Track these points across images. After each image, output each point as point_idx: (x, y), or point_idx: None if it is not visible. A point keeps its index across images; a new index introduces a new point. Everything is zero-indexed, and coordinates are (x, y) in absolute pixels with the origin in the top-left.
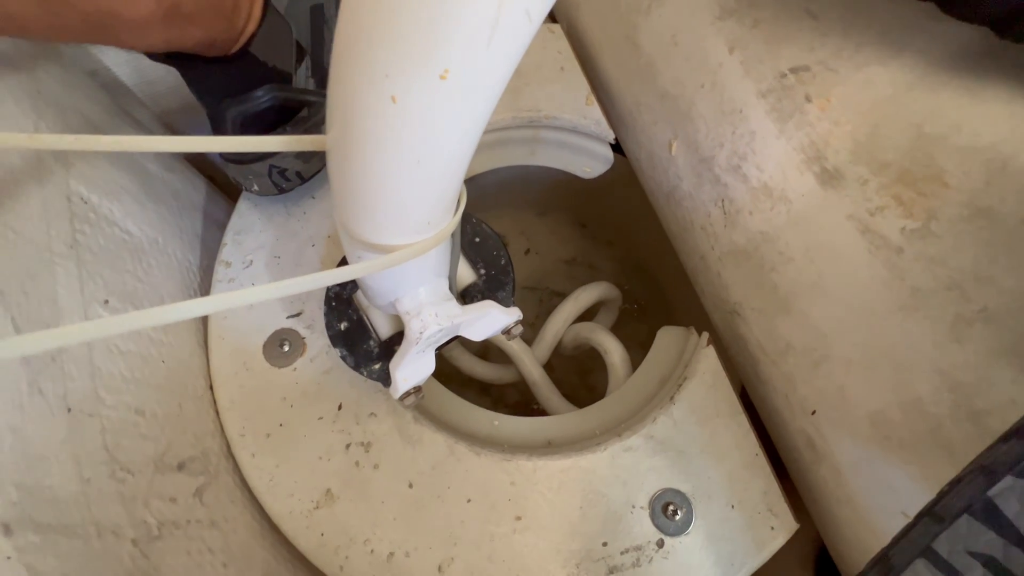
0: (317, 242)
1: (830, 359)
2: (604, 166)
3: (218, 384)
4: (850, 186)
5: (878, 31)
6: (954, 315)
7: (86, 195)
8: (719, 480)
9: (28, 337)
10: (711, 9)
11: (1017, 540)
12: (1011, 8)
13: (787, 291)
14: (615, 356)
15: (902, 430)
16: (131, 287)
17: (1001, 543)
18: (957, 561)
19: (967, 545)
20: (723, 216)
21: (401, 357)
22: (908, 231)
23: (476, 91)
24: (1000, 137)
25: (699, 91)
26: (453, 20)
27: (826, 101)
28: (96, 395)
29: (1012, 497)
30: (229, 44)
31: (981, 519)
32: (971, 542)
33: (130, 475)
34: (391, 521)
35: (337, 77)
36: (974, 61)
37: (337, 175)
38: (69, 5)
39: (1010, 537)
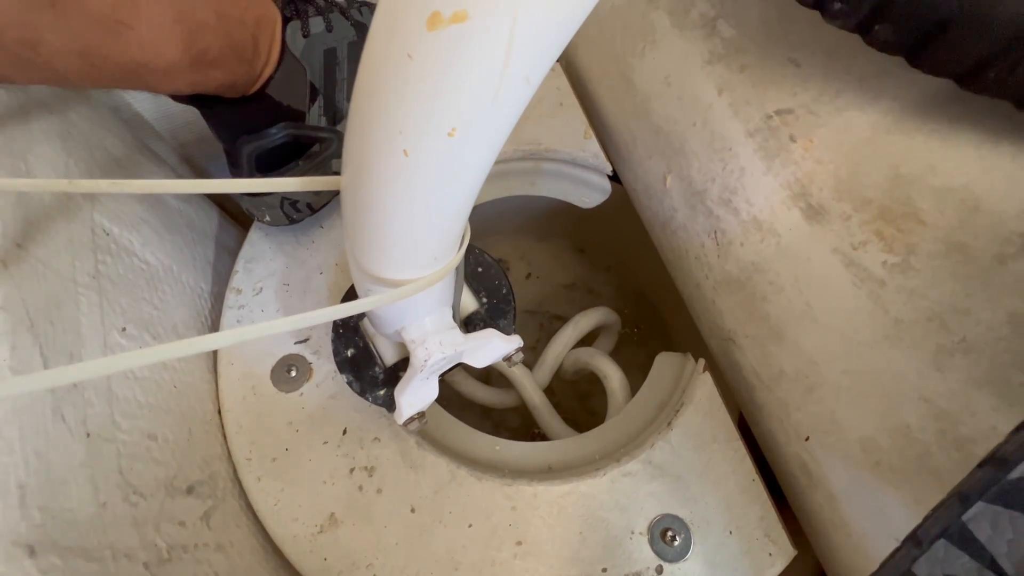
0: (325, 270)
1: (821, 386)
2: (602, 196)
3: (226, 409)
4: (834, 221)
5: (856, 78)
6: (936, 345)
7: (108, 227)
8: (717, 506)
9: (57, 371)
10: (701, 54)
11: (990, 563)
12: (969, 66)
13: (778, 320)
14: (614, 381)
15: (892, 456)
16: (147, 314)
17: (976, 566)
18: None
19: (944, 568)
20: (716, 247)
21: (406, 384)
22: (889, 265)
23: (480, 146)
24: (971, 178)
25: (691, 129)
26: (461, 87)
27: (809, 141)
28: (113, 420)
29: (984, 522)
30: (248, 86)
31: (956, 543)
32: (948, 565)
33: (142, 499)
34: (394, 546)
35: (354, 130)
36: (944, 107)
37: (351, 215)
38: (107, 58)
39: (983, 560)
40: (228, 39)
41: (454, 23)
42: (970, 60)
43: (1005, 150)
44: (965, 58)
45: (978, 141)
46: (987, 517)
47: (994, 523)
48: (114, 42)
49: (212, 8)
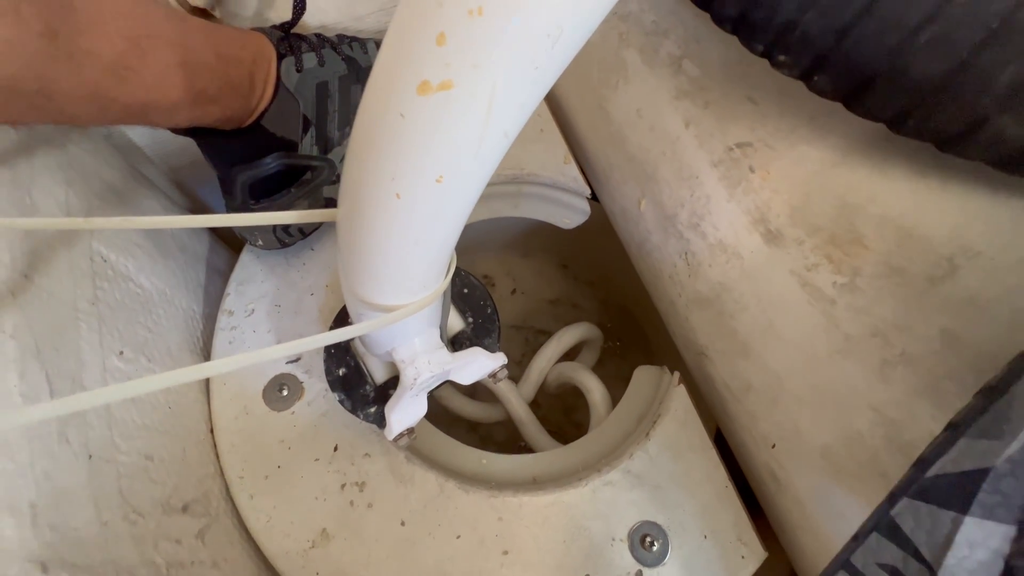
0: (316, 291)
1: (784, 397)
2: (582, 217)
3: (219, 428)
4: (790, 245)
5: (807, 116)
6: (880, 359)
7: (106, 254)
8: (692, 512)
9: (66, 400)
10: (669, 90)
11: (913, 552)
12: (894, 113)
13: (745, 335)
14: (596, 395)
15: (847, 461)
16: (142, 338)
17: (901, 555)
18: (868, 571)
19: (876, 558)
20: (687, 267)
21: (396, 401)
22: (839, 285)
23: (464, 190)
24: (906, 208)
25: (661, 157)
26: (447, 142)
27: (766, 172)
28: (112, 442)
29: (908, 516)
30: (244, 118)
31: (886, 535)
32: (879, 555)
33: (141, 518)
34: (384, 559)
35: (351, 174)
36: (882, 145)
37: (346, 248)
38: (115, 101)
39: (908, 549)
40: (226, 77)
41: (441, 90)
42: (894, 109)
43: (933, 183)
44: (890, 107)
45: (910, 175)
46: (910, 511)
47: (916, 516)
48: (122, 86)
49: (212, 48)
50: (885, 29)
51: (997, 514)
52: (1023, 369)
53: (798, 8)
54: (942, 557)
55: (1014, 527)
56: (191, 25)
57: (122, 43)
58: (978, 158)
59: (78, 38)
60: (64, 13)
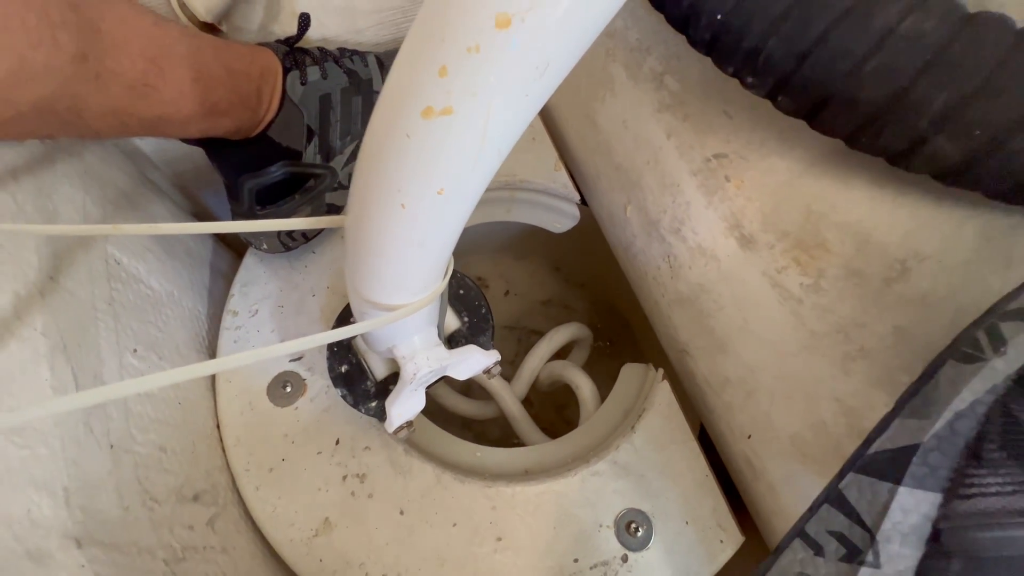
0: (317, 292)
1: (758, 390)
2: (572, 222)
3: (225, 423)
4: (762, 249)
5: (776, 130)
6: (842, 353)
7: (119, 257)
8: (675, 499)
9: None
10: (652, 103)
11: (857, 519)
12: (848, 131)
13: (722, 333)
14: (585, 391)
15: (814, 448)
16: (153, 336)
17: (848, 523)
18: (820, 538)
19: (827, 526)
20: (669, 269)
21: (397, 395)
22: (805, 286)
23: (463, 200)
24: (863, 215)
25: (645, 166)
26: (447, 159)
27: (740, 182)
28: (130, 434)
29: (853, 487)
30: (252, 129)
31: (835, 505)
32: (829, 523)
33: (157, 504)
34: (384, 546)
35: (359, 186)
36: (843, 157)
37: (353, 252)
38: (135, 116)
39: (853, 517)
40: (236, 91)
41: (443, 115)
42: (847, 127)
43: (887, 193)
44: (844, 126)
45: (867, 186)
46: (855, 484)
47: (859, 488)
48: (142, 102)
49: (223, 64)
50: (837, 57)
51: (926, 483)
52: (947, 359)
53: (762, 36)
54: (880, 522)
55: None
56: (204, 43)
57: (143, 63)
58: (922, 172)
59: (105, 60)
60: (93, 37)
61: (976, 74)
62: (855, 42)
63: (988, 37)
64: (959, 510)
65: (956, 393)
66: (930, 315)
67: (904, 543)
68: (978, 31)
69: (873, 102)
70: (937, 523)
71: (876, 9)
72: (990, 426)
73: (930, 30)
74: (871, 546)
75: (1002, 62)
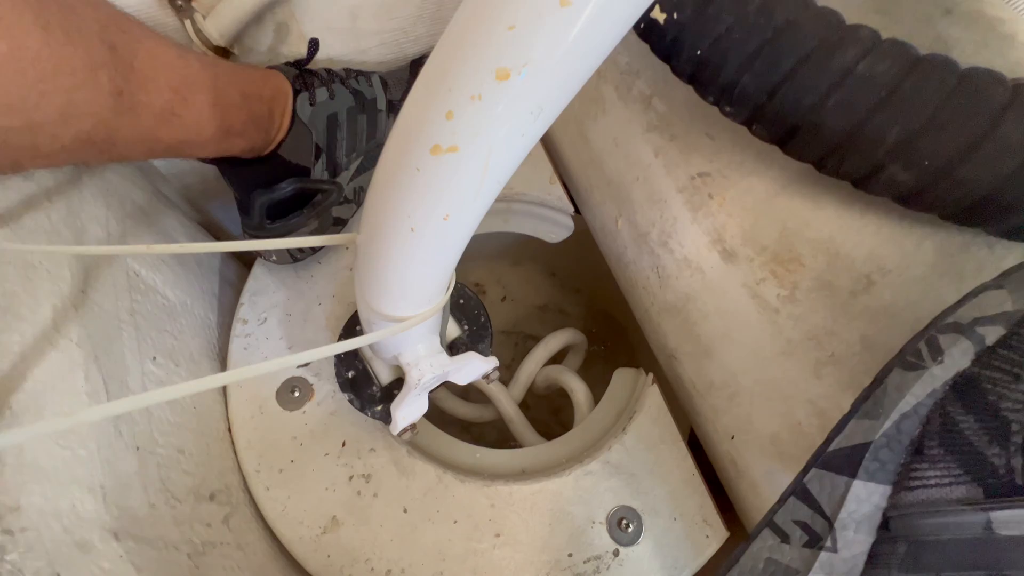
0: (323, 301)
1: (740, 393)
2: (566, 233)
3: (236, 427)
4: (742, 262)
5: (754, 152)
6: (815, 359)
7: (138, 269)
8: (663, 497)
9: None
10: (640, 123)
11: (819, 510)
12: (815, 157)
13: (707, 340)
14: (580, 395)
15: (791, 448)
16: (170, 345)
17: (810, 513)
18: (786, 527)
19: (793, 516)
20: (658, 279)
21: (401, 399)
22: (781, 297)
23: (466, 225)
24: (833, 232)
25: (635, 182)
26: (453, 190)
27: (723, 199)
28: (152, 437)
29: (815, 481)
30: (263, 148)
31: (800, 498)
32: (795, 513)
33: (178, 503)
34: (389, 542)
35: (372, 211)
36: (816, 179)
37: (364, 269)
38: (160, 141)
39: (815, 508)
40: (250, 113)
41: (449, 152)
42: (815, 154)
43: (855, 212)
44: (812, 152)
45: (837, 205)
46: (816, 478)
47: (820, 481)
48: (167, 128)
49: (238, 89)
50: (804, 92)
51: (877, 477)
52: (894, 366)
53: (737, 71)
54: (837, 512)
55: (889, 487)
56: (221, 69)
57: (169, 93)
58: (882, 195)
59: (138, 94)
60: (128, 75)
61: (924, 111)
62: (818, 80)
63: (934, 78)
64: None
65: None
66: (893, 325)
67: (858, 530)
68: (925, 72)
69: (836, 133)
70: (887, 512)
71: (837, 51)
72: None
73: (883, 71)
74: (830, 533)
75: (946, 100)
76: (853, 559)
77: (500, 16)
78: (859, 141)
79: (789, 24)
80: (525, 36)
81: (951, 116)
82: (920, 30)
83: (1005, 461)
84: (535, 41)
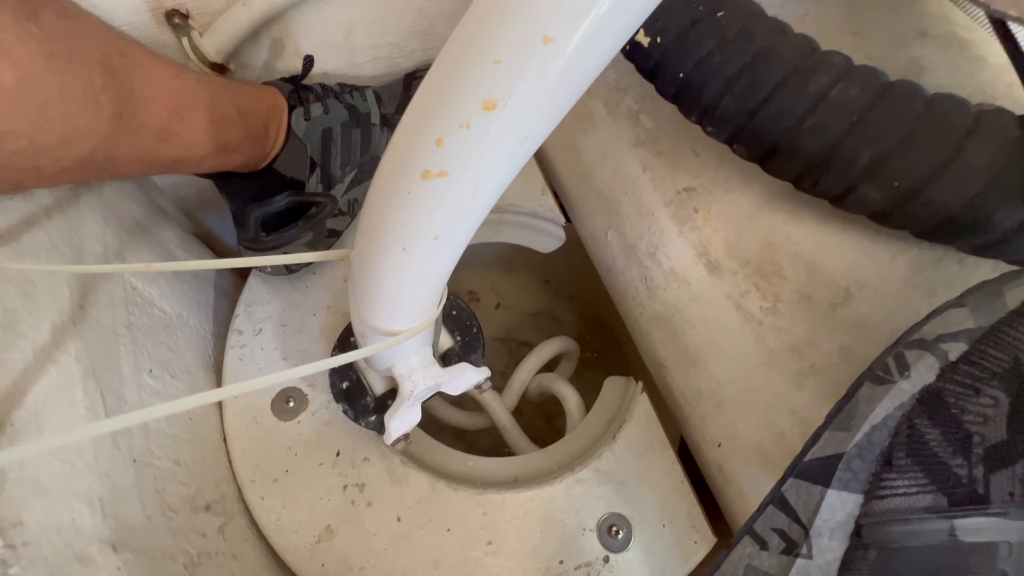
0: (318, 312)
1: (726, 402)
2: (557, 243)
3: (231, 437)
4: (726, 275)
5: (738, 169)
6: (796, 370)
7: (134, 283)
8: (653, 504)
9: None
10: (629, 138)
11: (795, 518)
12: (793, 176)
13: (694, 349)
14: (571, 402)
15: (775, 455)
16: (165, 357)
17: (787, 520)
18: (765, 534)
19: (771, 524)
20: (647, 290)
21: (395, 410)
22: (764, 308)
23: (455, 244)
24: (813, 247)
25: (624, 196)
26: (443, 212)
27: (708, 213)
28: (149, 449)
29: (792, 490)
30: (259, 163)
31: (778, 506)
32: (773, 521)
33: (174, 514)
34: (383, 551)
35: (366, 230)
36: (795, 195)
37: (358, 285)
38: (158, 159)
39: (792, 516)
40: (246, 130)
41: (439, 177)
42: (792, 173)
43: (833, 228)
44: (789, 171)
45: (816, 220)
46: (793, 487)
47: (796, 491)
48: (164, 146)
49: (234, 106)
50: (780, 115)
51: (850, 486)
52: (864, 380)
53: (718, 94)
54: (813, 520)
55: (861, 496)
56: (217, 87)
57: (167, 112)
58: (857, 213)
59: (137, 114)
60: (128, 97)
61: (893, 135)
62: (794, 104)
63: (902, 103)
64: (876, 509)
65: (872, 410)
66: (870, 336)
67: (832, 537)
68: (894, 98)
69: (811, 154)
70: (859, 520)
71: (811, 77)
72: (899, 437)
73: (854, 97)
74: (806, 540)
75: (914, 125)
76: (827, 565)
77: (487, 51)
78: (833, 162)
79: (767, 50)
80: (510, 70)
81: (918, 140)
82: (895, 52)
83: (967, 471)
84: (520, 75)
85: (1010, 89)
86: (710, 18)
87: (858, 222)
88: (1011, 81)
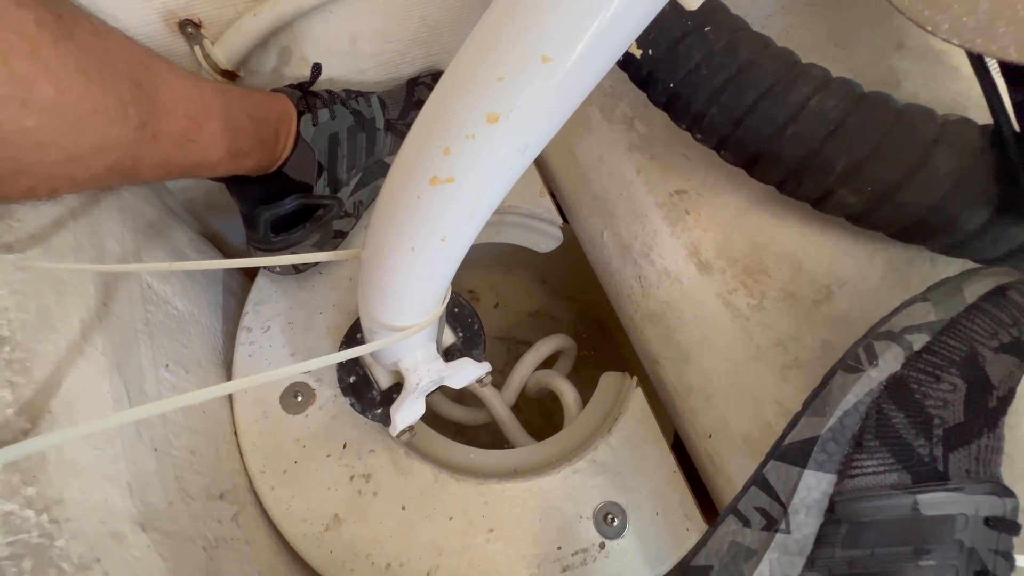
0: (324, 310)
1: (715, 395)
2: (555, 243)
3: (241, 430)
4: (716, 274)
5: (726, 173)
6: (781, 363)
7: (150, 281)
8: (647, 493)
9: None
10: (623, 143)
11: (775, 497)
12: (777, 181)
13: (686, 346)
14: (569, 398)
15: (762, 445)
16: (180, 353)
17: (768, 500)
18: (748, 512)
19: (753, 503)
20: (641, 289)
21: (400, 403)
22: (751, 305)
23: (460, 245)
24: (796, 247)
25: (619, 198)
26: (448, 216)
27: (698, 215)
28: (167, 439)
29: (773, 472)
30: (269, 167)
31: (760, 487)
32: (755, 501)
33: (193, 500)
34: (388, 538)
35: (376, 229)
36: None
37: (367, 284)
38: (176, 165)
39: (773, 496)
40: (257, 135)
41: (446, 183)
42: (776, 178)
43: (815, 229)
44: (773, 176)
45: (799, 221)
46: (774, 468)
47: (776, 472)
48: (182, 153)
49: (247, 113)
50: (763, 123)
51: (825, 467)
52: (837, 369)
53: (705, 103)
54: (791, 498)
55: (835, 475)
56: (231, 96)
57: (186, 121)
58: (836, 215)
59: (160, 124)
60: (152, 107)
61: (867, 143)
62: (776, 113)
63: (875, 114)
64: (847, 487)
65: (844, 396)
66: (850, 331)
67: (808, 514)
68: (868, 109)
69: (792, 160)
70: (832, 497)
71: (792, 88)
72: (868, 421)
73: (832, 107)
74: (784, 517)
75: (886, 134)
76: (804, 539)
77: (491, 69)
78: (812, 168)
79: (750, 63)
80: (512, 86)
81: (889, 148)
82: (874, 62)
83: (929, 451)
84: (521, 90)
85: (982, 98)
86: (698, 32)
87: (838, 224)
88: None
